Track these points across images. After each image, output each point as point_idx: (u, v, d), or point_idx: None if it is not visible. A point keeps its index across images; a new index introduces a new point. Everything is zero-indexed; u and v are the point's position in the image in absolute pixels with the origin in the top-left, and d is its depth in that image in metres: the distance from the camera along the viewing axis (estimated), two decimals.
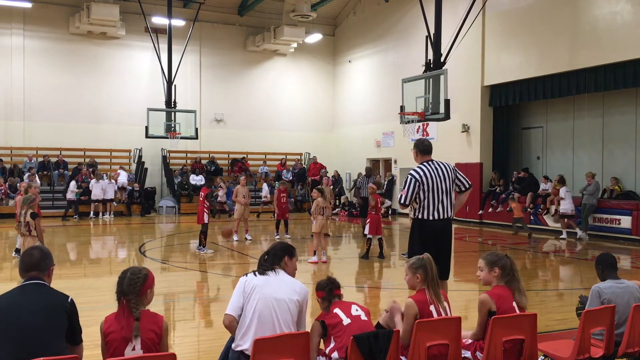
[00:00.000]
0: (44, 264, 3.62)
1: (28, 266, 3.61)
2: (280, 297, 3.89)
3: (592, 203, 15.36)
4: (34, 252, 3.70)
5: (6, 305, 3.36)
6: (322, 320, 3.98)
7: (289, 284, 4.02)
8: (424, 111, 14.25)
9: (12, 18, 21.99)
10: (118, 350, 3.34)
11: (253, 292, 3.89)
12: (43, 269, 3.61)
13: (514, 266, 4.27)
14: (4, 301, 3.41)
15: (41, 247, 3.82)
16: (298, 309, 3.96)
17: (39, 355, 3.05)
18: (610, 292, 4.48)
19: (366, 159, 24.83)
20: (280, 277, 4.04)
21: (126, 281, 3.48)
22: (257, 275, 4.02)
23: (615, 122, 16.67)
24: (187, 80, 24.21)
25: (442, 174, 6.13)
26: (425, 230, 6.12)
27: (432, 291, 4.09)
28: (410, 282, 4.24)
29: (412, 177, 6.10)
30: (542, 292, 8.97)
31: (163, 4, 22.35)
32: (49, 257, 3.71)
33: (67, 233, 16.97)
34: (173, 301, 8.30)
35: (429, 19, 14.81)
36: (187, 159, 24.85)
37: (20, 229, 8.36)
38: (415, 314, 3.98)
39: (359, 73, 25.86)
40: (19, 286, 3.54)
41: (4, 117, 22.03)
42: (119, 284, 3.51)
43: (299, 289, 4.02)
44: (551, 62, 16.67)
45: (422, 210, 6.15)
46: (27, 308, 3.33)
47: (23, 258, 3.69)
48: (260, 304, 3.84)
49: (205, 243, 12.59)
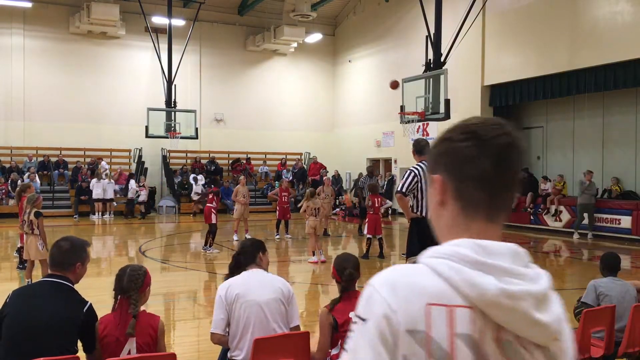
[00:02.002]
0: (68, 259, 3.37)
1: (52, 260, 3.38)
2: (264, 300, 3.77)
3: (593, 202, 15.37)
4: (62, 244, 3.43)
5: (18, 305, 3.22)
6: (333, 316, 3.72)
7: (269, 283, 3.88)
8: (424, 111, 14.26)
9: (12, 18, 21.98)
10: (113, 354, 3.27)
11: (236, 302, 3.75)
12: (66, 266, 3.36)
13: None
14: (17, 300, 3.26)
15: (72, 239, 3.52)
16: (285, 306, 3.85)
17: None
18: (606, 287, 4.64)
19: (366, 159, 24.84)
20: (258, 276, 3.90)
21: (127, 277, 3.41)
22: (236, 280, 3.86)
23: (615, 122, 16.66)
24: (187, 80, 24.20)
25: None
26: (424, 230, 6.17)
27: None
28: None
29: (412, 171, 6.28)
30: None
31: (163, 4, 22.34)
32: (76, 252, 3.43)
33: (68, 233, 16.92)
34: (173, 301, 8.29)
35: (429, 19, 14.81)
36: (187, 158, 24.85)
37: (23, 227, 8.34)
38: None
39: (359, 73, 25.85)
40: (37, 282, 3.41)
41: (4, 117, 22.02)
42: (118, 281, 3.43)
43: (282, 285, 3.89)
44: (551, 62, 16.66)
45: (420, 210, 6.21)
46: (36, 312, 3.17)
47: (51, 250, 3.45)
48: (247, 311, 3.72)
49: (212, 243, 12.61)
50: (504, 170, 1.17)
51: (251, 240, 4.23)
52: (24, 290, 3.46)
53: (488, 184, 1.16)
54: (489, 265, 1.09)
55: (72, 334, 3.25)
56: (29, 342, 3.12)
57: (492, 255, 1.12)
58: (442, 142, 1.22)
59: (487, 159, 1.15)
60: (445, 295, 1.08)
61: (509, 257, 1.14)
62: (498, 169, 1.16)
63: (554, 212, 16.72)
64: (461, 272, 1.08)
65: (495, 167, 1.15)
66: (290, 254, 13.32)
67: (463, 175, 1.17)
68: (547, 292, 1.14)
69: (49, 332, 3.15)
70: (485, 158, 1.15)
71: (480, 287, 1.07)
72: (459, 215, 1.18)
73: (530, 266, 1.17)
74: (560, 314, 1.14)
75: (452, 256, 1.11)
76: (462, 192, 1.17)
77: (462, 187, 1.17)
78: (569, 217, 16.36)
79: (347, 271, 3.76)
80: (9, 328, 3.21)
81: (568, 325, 1.18)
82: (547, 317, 1.10)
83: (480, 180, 1.16)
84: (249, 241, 4.23)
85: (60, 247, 3.42)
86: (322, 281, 9.96)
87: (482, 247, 1.12)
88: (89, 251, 3.59)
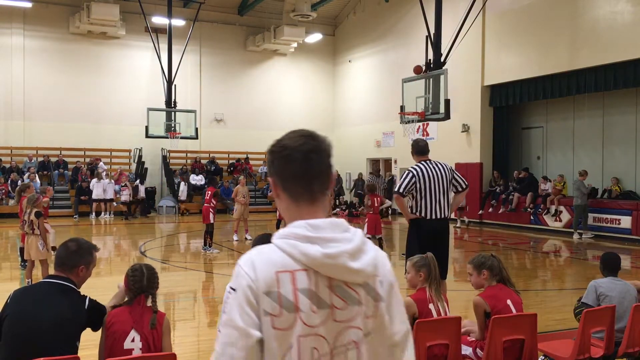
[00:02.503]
0: (72, 261, 3.34)
1: (57, 260, 3.37)
2: None
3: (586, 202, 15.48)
4: (70, 244, 3.41)
5: (18, 306, 3.23)
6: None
7: None
8: (424, 111, 14.26)
9: (12, 18, 21.98)
10: (117, 342, 3.33)
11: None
12: (70, 267, 3.33)
13: (501, 264, 4.30)
14: (18, 301, 3.26)
15: (80, 241, 3.48)
16: None
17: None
18: (606, 287, 4.61)
19: (366, 159, 24.87)
20: None
21: (147, 277, 3.46)
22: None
23: (615, 122, 16.67)
24: (187, 80, 24.20)
25: (439, 174, 6.27)
26: (423, 230, 6.19)
27: (432, 289, 4.09)
28: (412, 280, 4.23)
29: (410, 172, 6.30)
30: (542, 292, 8.96)
31: (163, 4, 22.34)
32: (82, 255, 3.40)
33: (68, 233, 16.95)
34: (173, 301, 8.29)
35: (429, 19, 14.82)
36: (187, 158, 24.86)
37: (24, 228, 8.34)
38: (414, 313, 3.97)
39: (359, 73, 25.85)
40: (38, 283, 3.41)
41: (4, 117, 22.02)
42: (137, 281, 3.44)
43: None
44: (551, 62, 16.67)
45: (419, 210, 6.22)
46: (37, 313, 3.16)
47: (58, 250, 3.44)
48: None
49: (211, 243, 12.61)
50: (310, 167, 1.61)
51: (268, 235, 4.09)
52: (25, 291, 3.45)
53: (301, 179, 1.62)
54: (315, 238, 1.55)
55: (72, 335, 3.24)
56: (29, 343, 3.12)
57: (318, 229, 1.56)
58: (269, 153, 1.67)
59: (296, 162, 1.61)
60: (288, 264, 1.54)
61: (330, 229, 1.58)
62: (305, 167, 1.61)
63: (554, 212, 16.72)
64: (296, 246, 1.54)
65: (302, 166, 1.61)
66: None
67: (285, 175, 1.64)
68: (361, 247, 1.59)
69: (50, 333, 3.14)
70: (295, 161, 1.61)
71: (310, 254, 1.53)
72: (291, 204, 1.65)
73: (349, 230, 1.60)
74: (371, 258, 1.60)
75: (289, 236, 1.56)
76: (287, 187, 1.64)
77: (286, 184, 1.64)
78: (569, 217, 16.36)
79: None
80: (9, 329, 3.21)
81: (385, 262, 1.64)
82: (360, 265, 1.56)
83: (295, 177, 1.62)
84: (267, 235, 4.10)
85: (67, 247, 3.41)
86: None
87: (311, 224, 1.57)
88: (95, 255, 3.53)
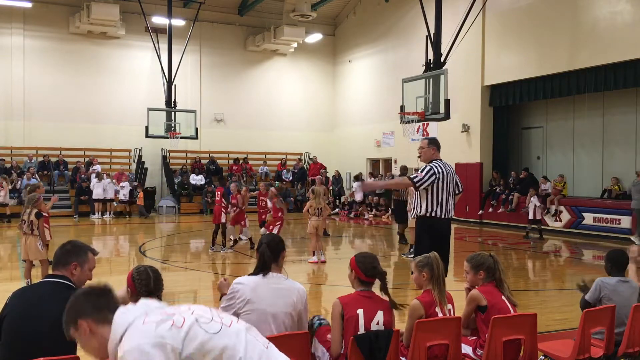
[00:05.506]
0: (64, 258, 3.39)
1: (53, 259, 3.43)
2: (275, 311, 3.70)
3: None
4: (65, 244, 3.48)
5: (18, 306, 3.24)
6: (342, 305, 3.75)
7: (285, 293, 3.78)
8: (424, 111, 14.26)
9: (12, 18, 21.98)
10: None
11: (245, 307, 3.68)
12: (63, 265, 3.39)
13: (498, 265, 4.30)
14: (18, 301, 3.28)
15: (74, 241, 3.54)
16: (296, 318, 3.80)
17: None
18: (612, 289, 4.53)
19: (366, 159, 24.88)
20: (276, 283, 3.79)
21: (153, 280, 3.48)
22: (251, 282, 3.76)
23: (615, 122, 16.67)
24: (187, 80, 24.21)
25: (450, 175, 6.42)
26: (435, 230, 6.26)
27: (437, 291, 4.07)
28: (416, 280, 4.22)
29: (433, 169, 6.30)
30: (542, 292, 8.97)
31: (163, 4, 22.34)
32: (75, 252, 3.44)
33: (68, 233, 16.95)
34: (173, 301, 8.29)
35: (429, 19, 14.82)
36: (187, 158, 24.86)
37: (23, 228, 8.33)
38: (421, 315, 3.96)
39: (359, 73, 25.85)
40: (37, 283, 3.41)
41: (4, 117, 22.02)
42: (144, 284, 3.45)
43: (296, 298, 3.79)
44: (551, 62, 16.67)
45: (432, 210, 6.26)
46: (37, 312, 3.17)
47: (55, 251, 3.51)
48: (254, 317, 3.60)
49: (224, 242, 12.59)
50: None
51: (276, 237, 4.04)
52: (24, 291, 3.45)
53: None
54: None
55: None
56: (29, 343, 3.12)
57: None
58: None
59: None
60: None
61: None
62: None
63: (554, 212, 16.72)
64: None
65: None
66: (291, 254, 13.31)
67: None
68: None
69: (50, 333, 3.13)
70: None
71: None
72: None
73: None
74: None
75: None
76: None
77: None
78: (569, 217, 16.37)
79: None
80: (9, 329, 3.21)
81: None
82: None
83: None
84: (275, 237, 4.05)
85: (62, 247, 3.46)
86: (321, 281, 9.96)
87: None
88: (91, 256, 3.52)
